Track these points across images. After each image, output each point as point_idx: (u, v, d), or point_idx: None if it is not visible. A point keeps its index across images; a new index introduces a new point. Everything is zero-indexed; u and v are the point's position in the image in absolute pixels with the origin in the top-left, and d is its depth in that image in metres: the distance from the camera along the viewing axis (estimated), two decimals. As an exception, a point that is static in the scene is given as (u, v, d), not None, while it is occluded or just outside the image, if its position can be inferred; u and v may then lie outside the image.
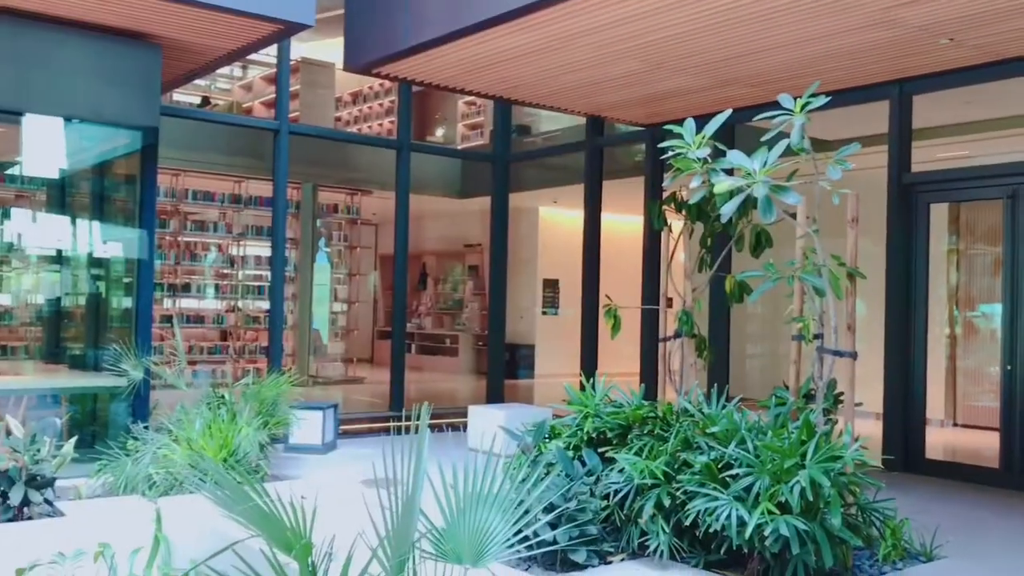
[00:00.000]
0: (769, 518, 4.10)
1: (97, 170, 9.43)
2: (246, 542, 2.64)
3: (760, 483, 4.27)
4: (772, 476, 4.27)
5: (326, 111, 13.69)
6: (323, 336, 14.70)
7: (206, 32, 7.18)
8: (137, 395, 7.60)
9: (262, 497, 2.35)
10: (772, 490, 4.21)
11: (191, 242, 13.63)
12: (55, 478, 6.22)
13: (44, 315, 10.40)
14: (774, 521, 4.07)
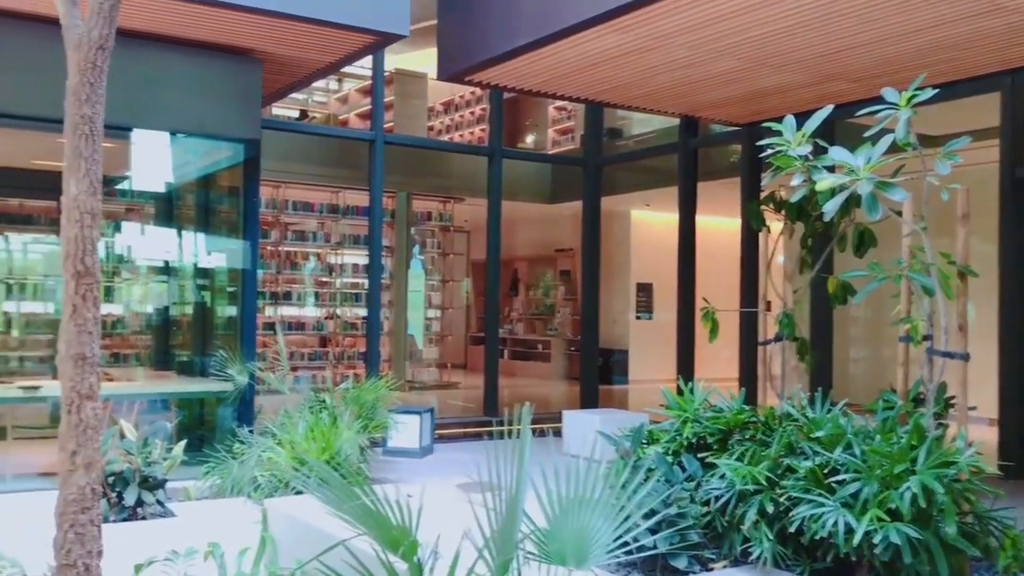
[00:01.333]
0: (879, 525, 3.95)
1: (202, 183, 9.78)
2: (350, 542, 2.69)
3: (868, 489, 4.12)
4: (881, 482, 4.12)
5: (419, 121, 13.89)
6: (418, 342, 14.90)
7: (304, 46, 7.37)
8: (242, 400, 7.84)
9: (369, 496, 2.38)
10: (881, 496, 4.06)
11: (291, 251, 13.99)
12: (166, 480, 6.45)
13: (153, 324, 10.82)
14: (884, 528, 3.92)
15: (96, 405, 2.80)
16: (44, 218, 11.92)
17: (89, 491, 2.76)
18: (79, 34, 2.74)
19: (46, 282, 11.72)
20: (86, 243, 2.76)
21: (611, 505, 2.64)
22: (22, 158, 10.30)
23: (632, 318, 15.54)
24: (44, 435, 8.92)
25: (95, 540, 2.78)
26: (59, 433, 2.81)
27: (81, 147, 2.73)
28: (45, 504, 6.56)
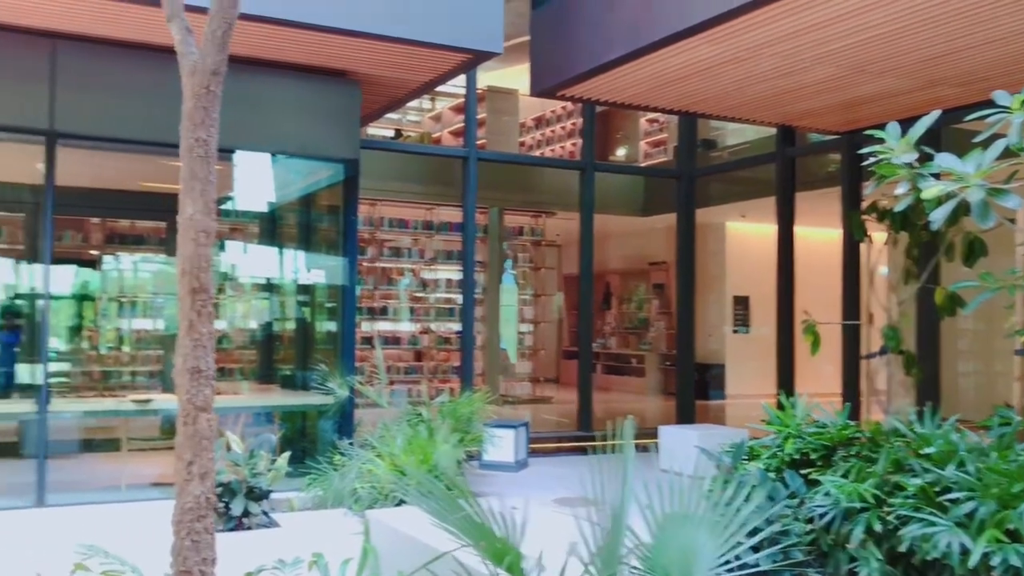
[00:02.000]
0: (997, 546, 3.78)
1: (302, 202, 10.07)
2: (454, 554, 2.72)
3: (984, 509, 3.95)
4: (998, 501, 3.94)
5: (511, 137, 14.00)
6: (511, 356, 14.96)
7: (400, 66, 7.53)
8: (342, 413, 8.01)
9: (473, 508, 2.40)
10: (999, 516, 3.89)
11: (387, 267, 14.26)
12: (271, 491, 6.64)
13: (256, 339, 11.15)
14: (1003, 550, 3.75)
15: (211, 417, 2.91)
16: (153, 238, 12.44)
17: (204, 500, 2.86)
18: (194, 61, 2.87)
19: (155, 300, 12.21)
20: (201, 261, 2.87)
21: (715, 522, 2.60)
22: (133, 181, 10.79)
23: (728, 332, 15.28)
24: (155, 446, 9.30)
25: (209, 548, 2.88)
26: (176, 444, 2.93)
27: (196, 169, 2.85)
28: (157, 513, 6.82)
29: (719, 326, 15.29)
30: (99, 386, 11.54)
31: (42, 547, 5.80)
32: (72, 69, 7.12)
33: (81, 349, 11.83)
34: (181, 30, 2.89)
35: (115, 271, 12.28)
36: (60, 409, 7.70)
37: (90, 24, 6.71)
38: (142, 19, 6.49)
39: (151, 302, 12.27)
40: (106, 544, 3.65)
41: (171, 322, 11.91)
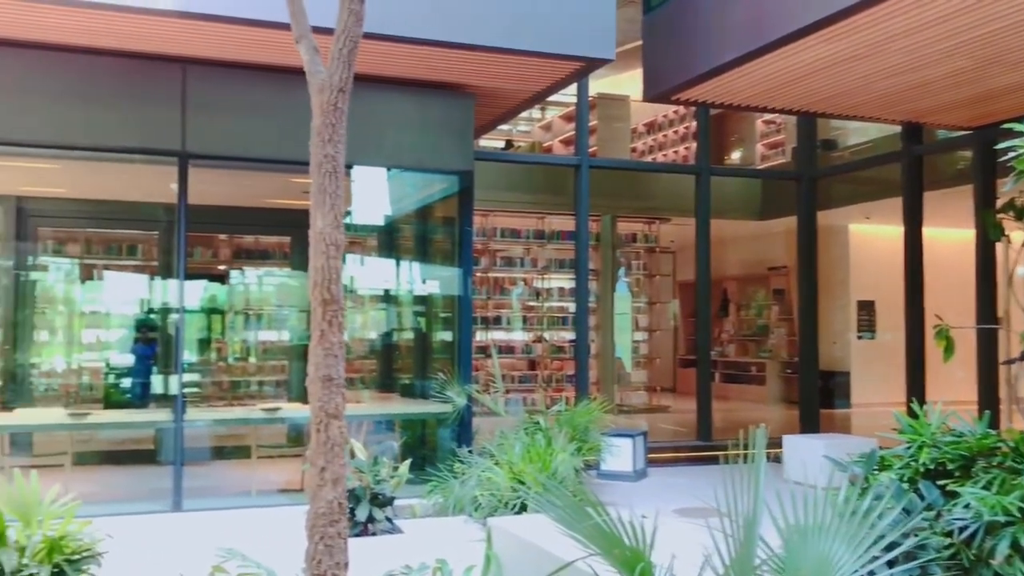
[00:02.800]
0: None
1: (418, 214, 10.26)
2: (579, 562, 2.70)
3: None
4: None
5: (623, 143, 13.92)
6: (626, 364, 14.84)
7: (514, 77, 7.60)
8: (461, 421, 8.11)
9: (602, 516, 2.39)
10: None
11: (499, 277, 14.38)
12: (394, 497, 6.76)
13: (376, 349, 11.41)
14: None
15: (342, 424, 2.99)
16: (277, 252, 12.90)
17: (336, 505, 2.94)
18: (321, 79, 2.96)
19: (279, 312, 12.64)
20: (331, 273, 2.96)
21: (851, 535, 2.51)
22: (257, 198, 11.22)
23: (853, 338, 14.76)
24: (282, 454, 9.62)
25: (342, 552, 2.96)
26: (309, 450, 3.02)
27: (325, 184, 2.94)
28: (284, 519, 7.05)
29: (843, 332, 14.77)
30: (228, 396, 12.02)
31: (181, 549, 6.07)
32: (201, 92, 7.46)
33: (210, 360, 12.34)
34: (309, 50, 2.99)
35: (241, 285, 12.77)
36: (194, 418, 8.06)
37: (218, 49, 7.03)
38: (267, 42, 6.75)
39: (275, 314, 12.71)
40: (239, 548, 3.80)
41: (295, 334, 12.32)
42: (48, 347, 11.43)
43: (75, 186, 10.57)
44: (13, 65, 6.96)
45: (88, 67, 7.14)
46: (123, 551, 3.93)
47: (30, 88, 7.02)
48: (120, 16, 6.24)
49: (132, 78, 7.25)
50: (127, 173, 9.30)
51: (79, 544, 3.53)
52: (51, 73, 7.04)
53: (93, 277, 11.83)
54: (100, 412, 9.24)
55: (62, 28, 6.56)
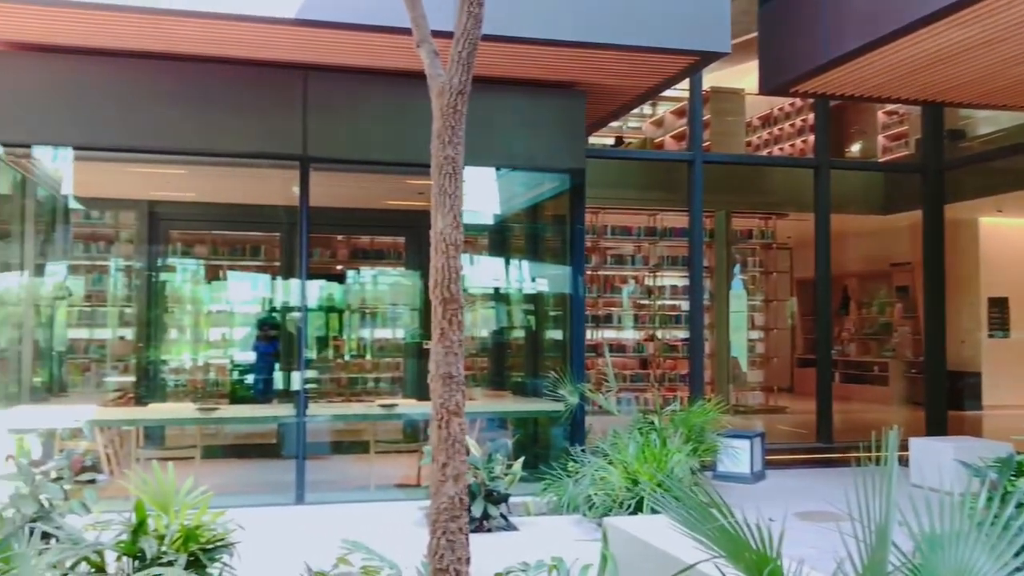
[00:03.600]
0: None
1: (529, 213, 10.30)
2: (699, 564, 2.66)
3: None
4: None
5: (737, 138, 13.63)
6: (741, 364, 14.53)
7: (626, 73, 7.54)
8: (573, 419, 8.10)
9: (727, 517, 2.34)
10: None
11: (610, 275, 14.29)
12: (508, 494, 6.81)
13: (487, 347, 11.51)
14: None
15: (462, 421, 3.02)
16: (392, 252, 13.17)
17: (458, 501, 2.98)
18: (441, 82, 3.01)
19: (394, 311, 12.91)
20: (451, 272, 3.00)
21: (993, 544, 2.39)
22: (373, 199, 11.48)
23: (984, 337, 14.05)
24: (398, 449, 9.82)
25: (463, 547, 3.00)
26: (431, 446, 3.07)
27: (446, 185, 2.98)
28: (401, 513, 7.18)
29: (973, 331, 14.09)
30: (345, 392, 12.34)
31: (305, 541, 6.27)
32: (321, 98, 7.68)
33: (328, 358, 12.70)
34: (429, 54, 3.04)
35: (357, 284, 13.09)
36: (315, 413, 8.30)
37: (337, 55, 7.22)
38: (385, 47, 6.90)
39: (390, 313, 12.98)
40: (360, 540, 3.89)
41: (409, 332, 12.56)
42: (177, 345, 11.98)
43: (202, 190, 11.06)
44: (146, 77, 7.33)
45: (215, 76, 7.45)
46: (251, 542, 4.09)
47: (161, 98, 7.37)
48: (246, 26, 6.49)
49: (256, 86, 7.53)
50: (251, 177, 9.67)
51: (213, 534, 3.69)
52: (181, 83, 7.38)
53: (218, 277, 12.33)
54: (227, 407, 9.62)
55: (191, 39, 6.86)
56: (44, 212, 9.99)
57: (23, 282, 9.22)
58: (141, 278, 11.71)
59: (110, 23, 6.48)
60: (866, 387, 16.19)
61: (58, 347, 10.78)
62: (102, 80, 7.28)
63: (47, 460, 5.66)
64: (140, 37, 6.81)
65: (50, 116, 7.22)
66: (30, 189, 9.19)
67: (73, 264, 11.23)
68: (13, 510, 5.32)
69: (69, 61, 7.17)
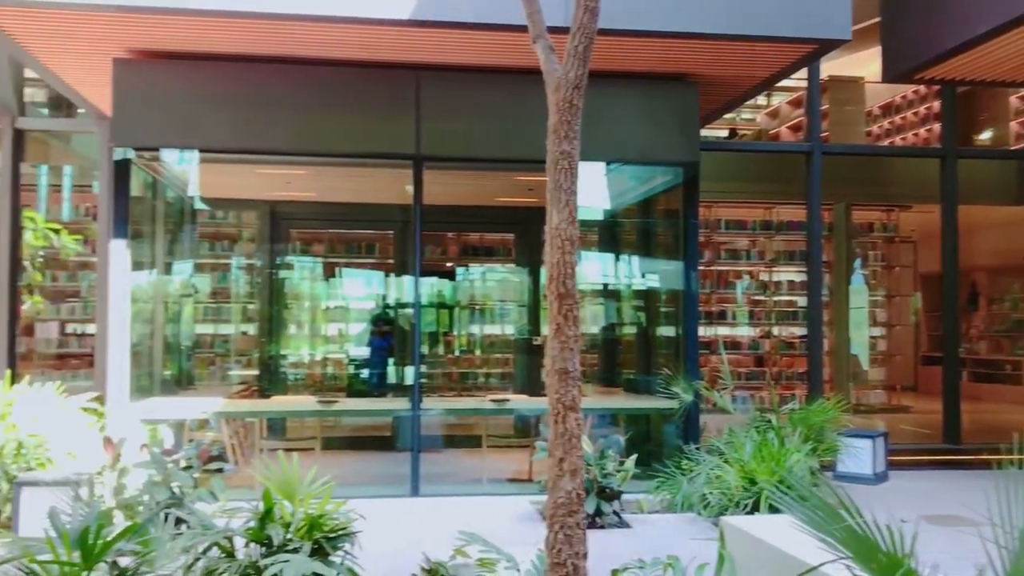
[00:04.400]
0: None
1: (640, 207, 10.21)
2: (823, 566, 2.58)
3: None
4: None
5: (856, 128, 13.15)
6: (862, 362, 14.03)
7: (740, 64, 7.38)
8: (687, 417, 7.99)
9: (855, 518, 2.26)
10: None
11: (723, 270, 14.02)
12: (621, 491, 6.77)
13: (598, 343, 11.47)
14: None
15: (578, 416, 3.02)
16: (501, 249, 13.28)
17: (575, 495, 2.97)
18: (557, 77, 3.00)
19: (503, 307, 13.01)
20: (566, 267, 3.00)
21: None
22: (485, 196, 11.59)
23: None
24: (509, 444, 9.89)
25: (581, 542, 2.99)
26: (547, 441, 3.07)
27: (561, 180, 2.98)
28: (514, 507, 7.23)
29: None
30: (457, 387, 12.52)
31: (422, 532, 6.39)
32: (434, 97, 7.79)
33: (439, 353, 12.90)
34: (545, 49, 3.04)
35: (467, 281, 13.25)
36: (429, 407, 8.44)
37: (450, 54, 7.31)
38: (497, 44, 6.96)
39: (499, 309, 13.08)
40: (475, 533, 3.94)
41: (518, 328, 12.63)
42: (296, 340, 12.39)
43: (320, 190, 11.39)
44: (265, 80, 7.59)
45: (331, 79, 7.65)
46: (369, 531, 4.19)
47: (280, 101, 7.61)
48: (360, 28, 6.65)
49: (371, 87, 7.69)
50: (366, 177, 9.91)
51: (336, 523, 3.79)
52: (298, 85, 7.61)
53: (335, 275, 12.69)
54: (344, 400, 9.88)
55: (308, 42, 7.07)
56: (172, 213, 10.48)
57: (153, 280, 9.68)
58: (262, 275, 12.16)
59: (230, 29, 6.74)
60: (997, 386, 15.40)
61: (185, 342, 11.29)
62: (224, 85, 7.57)
63: (178, 450, 5.93)
64: (259, 42, 7.05)
65: (176, 120, 7.56)
66: (160, 191, 9.66)
67: (199, 262, 11.75)
68: (147, 496, 5.61)
69: (193, 67, 7.49)
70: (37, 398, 6.95)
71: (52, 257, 9.74)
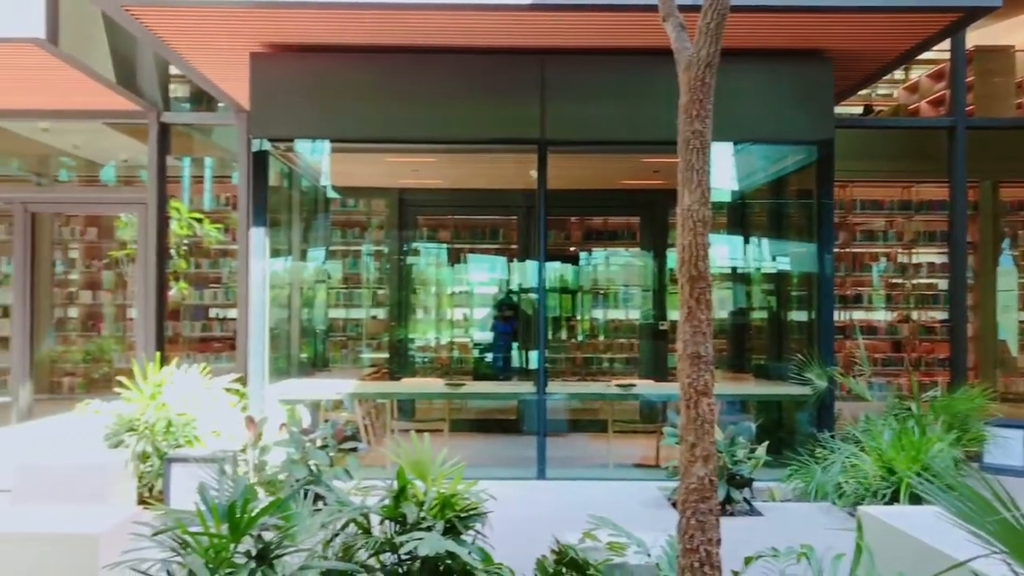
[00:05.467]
0: None
1: (771, 188, 9.92)
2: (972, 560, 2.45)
3: None
4: None
5: (1006, 100, 12.38)
6: (1011, 348, 13.26)
7: (878, 37, 7.06)
8: (821, 404, 7.75)
9: (1012, 510, 2.14)
10: None
11: (858, 252, 13.49)
12: (752, 479, 6.64)
13: (727, 328, 11.25)
14: None
15: (711, 401, 2.97)
16: (625, 232, 13.16)
17: (708, 481, 2.93)
18: (689, 55, 2.95)
19: (628, 291, 12.90)
20: (698, 249, 2.94)
21: None
22: (609, 180, 11.51)
23: None
24: (635, 429, 9.83)
25: (714, 529, 2.94)
26: (678, 427, 3.04)
27: (693, 160, 2.92)
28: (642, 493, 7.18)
29: None
30: (581, 371, 12.51)
31: (549, 515, 6.44)
32: (558, 81, 7.77)
33: (562, 338, 12.91)
34: (675, 27, 2.98)
35: (590, 265, 13.21)
36: (554, 391, 8.47)
37: (574, 37, 7.28)
38: (622, 25, 6.89)
39: (623, 294, 12.99)
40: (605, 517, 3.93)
41: (643, 312, 12.51)
42: (423, 324, 12.65)
43: (446, 177, 11.57)
44: (392, 70, 7.74)
45: (456, 66, 7.74)
46: (498, 512, 4.24)
47: (406, 90, 7.76)
48: (485, 15, 6.70)
49: (495, 73, 7.74)
50: (490, 163, 10.00)
51: (467, 503, 3.86)
52: (424, 74, 7.73)
53: (460, 260, 12.88)
54: (471, 383, 10.04)
55: (433, 31, 7.16)
56: (307, 201, 10.86)
57: (289, 266, 10.06)
58: (391, 261, 12.46)
59: (359, 21, 6.90)
60: None
61: (320, 326, 11.70)
62: (354, 76, 7.77)
63: (314, 429, 6.16)
64: (386, 33, 7.20)
65: (310, 112, 7.81)
66: (295, 180, 10.02)
67: (331, 249, 12.14)
68: (286, 473, 5.86)
69: (324, 60, 7.71)
70: (184, 379, 7.34)
71: (196, 245, 10.25)
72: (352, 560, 3.71)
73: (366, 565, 3.69)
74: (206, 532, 3.26)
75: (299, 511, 3.68)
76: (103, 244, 11.12)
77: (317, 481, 5.48)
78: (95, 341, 10.98)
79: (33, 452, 6.77)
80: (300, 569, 3.31)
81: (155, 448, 6.74)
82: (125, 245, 10.35)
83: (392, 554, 3.71)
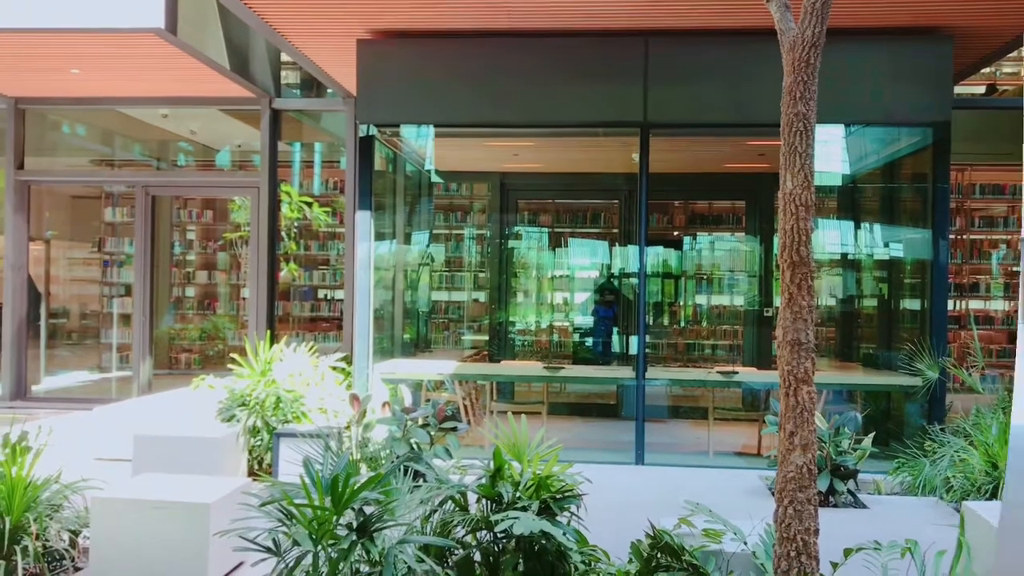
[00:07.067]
0: None
1: (882, 171, 9.59)
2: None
3: None
4: None
5: None
6: None
7: (1002, 11, 6.73)
8: (932, 396, 7.48)
9: None
10: None
11: (976, 239, 12.92)
12: (857, 470, 6.47)
13: (834, 316, 10.95)
14: None
15: (811, 389, 2.91)
16: (730, 217, 12.93)
17: (806, 471, 2.88)
18: (793, 35, 2.88)
19: (732, 277, 12.69)
20: (800, 234, 2.89)
21: None
22: (713, 163, 11.33)
23: None
24: (737, 417, 9.69)
25: (812, 518, 2.90)
26: (778, 414, 2.99)
27: (796, 143, 2.87)
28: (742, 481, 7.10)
29: None
30: (682, 358, 12.39)
31: (646, 499, 6.42)
32: (661, 62, 7.68)
33: (664, 323, 12.80)
34: (780, 7, 2.92)
35: (694, 250, 13.03)
36: (654, 377, 8.43)
37: (678, 17, 7.18)
38: (727, 5, 6.76)
39: (727, 280, 12.78)
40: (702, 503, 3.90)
41: (748, 299, 12.28)
42: (523, 308, 12.73)
43: (548, 161, 11.59)
44: (493, 54, 7.78)
45: (557, 49, 7.72)
46: (594, 495, 4.26)
47: (508, 73, 7.79)
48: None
49: (597, 55, 7.70)
50: (592, 146, 9.97)
51: (562, 484, 3.89)
52: (525, 57, 7.75)
53: (561, 244, 12.89)
54: (570, 367, 10.07)
55: (535, 13, 7.17)
56: (411, 186, 11.06)
57: (394, 249, 10.27)
58: (492, 245, 12.57)
59: (462, 5, 6.97)
60: None
61: (423, 308, 11.92)
62: (458, 61, 7.85)
63: (416, 408, 6.30)
64: (489, 17, 7.24)
65: (415, 97, 7.93)
66: (400, 165, 10.21)
67: (434, 232, 12.34)
68: (388, 450, 6.02)
69: (429, 45, 7.81)
70: (293, 358, 7.61)
71: (305, 228, 10.58)
72: (449, 536, 3.79)
73: (462, 542, 3.77)
74: (310, 504, 3.39)
75: (399, 487, 3.79)
76: (218, 226, 11.59)
77: (417, 459, 5.61)
78: (210, 319, 11.47)
79: (152, 425, 7.14)
80: (399, 543, 3.41)
81: (264, 423, 7.01)
82: (239, 227, 10.77)
83: (488, 532, 3.78)
